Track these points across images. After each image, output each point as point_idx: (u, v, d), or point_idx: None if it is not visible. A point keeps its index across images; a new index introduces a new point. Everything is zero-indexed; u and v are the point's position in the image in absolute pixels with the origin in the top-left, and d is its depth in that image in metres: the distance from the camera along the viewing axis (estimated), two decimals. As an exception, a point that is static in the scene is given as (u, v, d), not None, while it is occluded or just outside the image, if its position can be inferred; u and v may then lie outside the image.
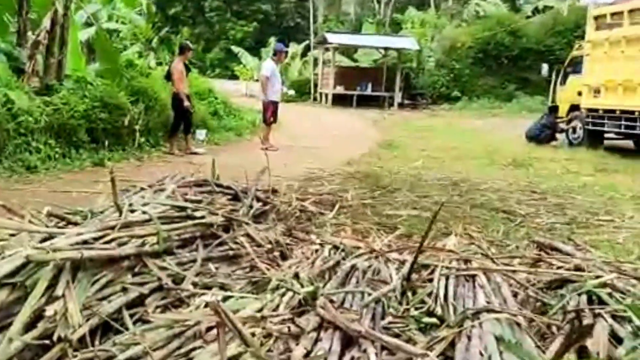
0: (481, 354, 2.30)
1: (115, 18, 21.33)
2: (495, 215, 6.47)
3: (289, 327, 2.55)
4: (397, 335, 2.76)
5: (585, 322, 2.58)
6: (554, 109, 15.99)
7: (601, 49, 13.69)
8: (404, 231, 5.28)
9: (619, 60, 12.96)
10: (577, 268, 3.50)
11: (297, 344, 2.43)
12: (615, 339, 2.47)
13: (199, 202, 4.38)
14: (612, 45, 13.25)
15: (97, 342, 2.63)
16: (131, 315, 2.85)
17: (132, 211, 3.68)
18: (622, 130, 13.35)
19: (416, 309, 3.13)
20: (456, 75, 30.10)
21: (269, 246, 4.06)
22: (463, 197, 7.51)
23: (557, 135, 15.38)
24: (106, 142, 9.79)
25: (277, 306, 2.85)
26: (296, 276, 3.17)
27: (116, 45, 16.85)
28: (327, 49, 30.65)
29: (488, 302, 2.91)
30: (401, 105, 29.40)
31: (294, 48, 34.41)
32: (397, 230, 5.22)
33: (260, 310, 2.79)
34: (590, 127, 14.36)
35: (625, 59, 12.74)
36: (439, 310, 3.03)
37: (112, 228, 3.31)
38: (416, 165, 10.20)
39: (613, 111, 13.30)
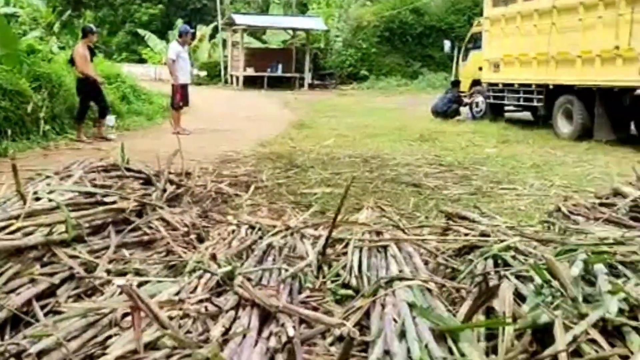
0: (395, 321, 2.36)
1: (12, 2, 20.25)
2: (405, 189, 6.66)
3: (206, 307, 2.54)
4: (315, 308, 2.82)
5: (492, 284, 2.70)
6: (456, 84, 16.48)
7: (498, 25, 14.15)
8: (318, 208, 5.35)
9: (515, 36, 13.43)
10: (483, 234, 3.64)
11: (215, 324, 2.44)
12: (520, 297, 2.59)
13: (109, 187, 4.27)
14: (508, 21, 13.71)
15: (6, 336, 2.54)
16: (42, 307, 2.75)
17: (38, 199, 3.55)
18: (521, 102, 13.90)
19: (332, 281, 3.21)
20: (363, 55, 30.42)
21: (185, 229, 4.02)
22: (374, 172, 7.68)
23: (461, 110, 15.87)
24: (9, 132, 9.30)
25: (195, 288, 2.84)
26: (213, 257, 3.15)
27: (15, 30, 15.99)
28: (235, 31, 30.24)
29: (400, 271, 2.99)
30: (311, 86, 29.49)
31: (202, 30, 33.78)
32: (312, 208, 5.28)
33: (177, 293, 2.77)
34: (491, 100, 14.89)
35: (521, 34, 13.21)
36: (353, 282, 3.12)
37: (17, 217, 3.19)
38: (328, 144, 10.30)
39: (512, 85, 13.81)
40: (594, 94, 11.03)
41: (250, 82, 28.79)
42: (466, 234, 3.81)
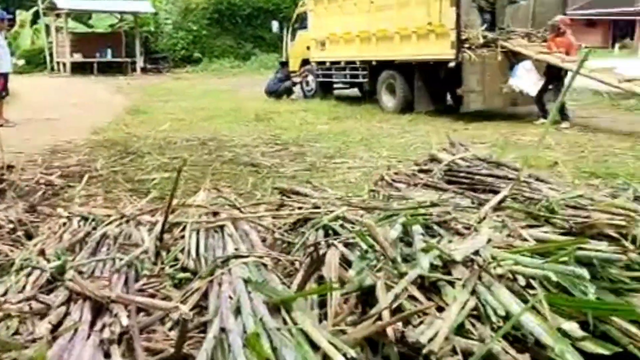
0: (231, 298, 2.40)
1: None
2: (244, 169, 6.77)
3: (30, 306, 2.45)
4: (152, 295, 2.80)
5: (322, 253, 2.84)
6: (285, 64, 16.66)
7: (322, 4, 14.50)
8: (157, 194, 5.30)
9: (338, 15, 13.84)
10: (315, 207, 3.82)
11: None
12: (348, 264, 2.73)
13: None
14: (330, 1, 14.12)
15: None
16: None
17: None
18: (348, 79, 14.43)
19: (171, 266, 3.21)
20: (195, 37, 30.13)
21: (11, 226, 3.81)
22: (212, 154, 7.73)
23: (295, 89, 16.19)
24: None
25: (24, 287, 2.73)
26: (42, 253, 3.04)
27: None
28: (58, 15, 28.46)
29: (236, 249, 3.06)
30: (144, 70, 28.66)
31: (22, 15, 31.37)
32: (150, 194, 5.21)
33: (4, 294, 2.65)
34: (321, 79, 15.28)
35: (343, 13, 13.66)
36: (191, 264, 3.14)
37: None
38: (164, 129, 10.14)
39: (338, 63, 14.24)
40: (413, 68, 11.71)
41: (79, 69, 27.36)
42: (300, 208, 3.96)
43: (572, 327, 2.08)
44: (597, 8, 40.56)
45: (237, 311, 2.30)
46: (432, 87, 11.68)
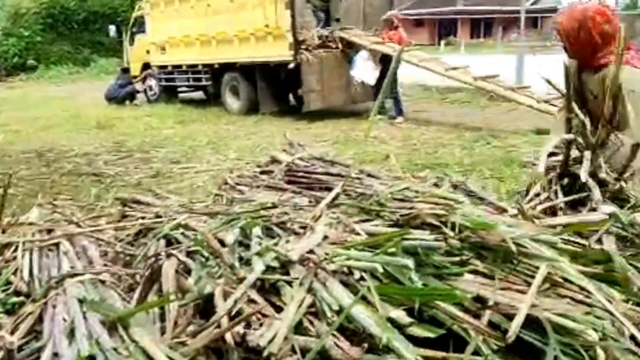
0: (65, 320, 2.33)
1: None
2: (85, 180, 6.57)
3: None
4: (-18, 325, 2.65)
5: (160, 264, 2.80)
6: (127, 70, 16.23)
7: (158, 8, 14.26)
8: (-13, 214, 4.96)
9: (176, 18, 13.68)
10: (157, 215, 3.74)
11: None
12: (190, 273, 2.75)
13: None
14: (167, 4, 13.91)
15: None
16: None
17: None
18: (191, 82, 14.35)
19: (3, 291, 3.04)
20: (27, 44, 28.88)
21: None
22: (50, 166, 7.43)
23: (138, 94, 15.75)
24: None
25: None
26: None
27: None
28: None
29: (72, 267, 2.95)
30: (-28, 80, 26.71)
31: None
32: (-21, 215, 4.87)
33: None
34: (163, 83, 15.03)
35: (181, 17, 13.52)
36: (24, 287, 2.99)
37: None
38: (-4, 141, 9.55)
39: (180, 66, 14.11)
40: (255, 70, 11.82)
41: None
42: (142, 218, 3.86)
43: (399, 314, 2.18)
44: (423, 8, 43.35)
45: (72, 333, 2.22)
46: (274, 88, 11.85)
